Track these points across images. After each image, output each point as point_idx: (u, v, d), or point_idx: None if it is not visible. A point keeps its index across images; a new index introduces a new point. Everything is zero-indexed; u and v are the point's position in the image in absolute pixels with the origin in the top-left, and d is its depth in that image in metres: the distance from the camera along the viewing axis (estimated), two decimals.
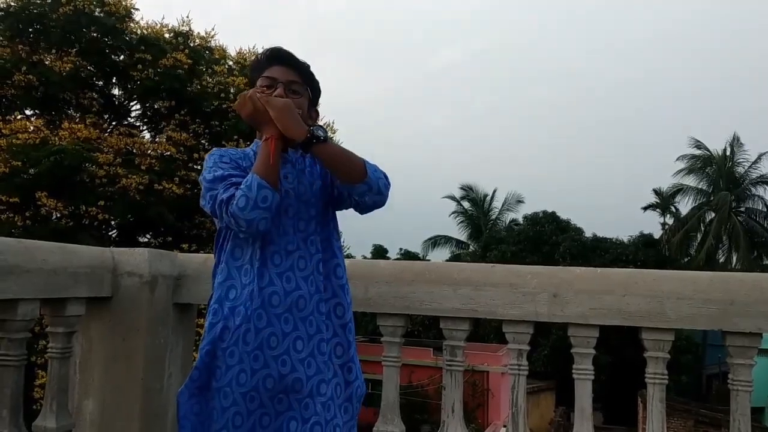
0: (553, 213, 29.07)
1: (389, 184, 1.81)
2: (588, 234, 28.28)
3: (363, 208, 1.84)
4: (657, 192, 32.35)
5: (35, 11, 12.48)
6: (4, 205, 10.49)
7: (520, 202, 33.99)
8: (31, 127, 11.21)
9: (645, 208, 32.96)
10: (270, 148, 1.68)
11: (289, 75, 1.85)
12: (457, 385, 2.39)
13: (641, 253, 25.82)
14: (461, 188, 35.24)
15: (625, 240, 28.07)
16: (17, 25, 12.41)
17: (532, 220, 29.18)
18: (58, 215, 10.70)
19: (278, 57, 1.88)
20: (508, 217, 34.36)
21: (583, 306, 2.23)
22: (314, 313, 1.76)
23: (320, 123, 1.97)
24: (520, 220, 31.55)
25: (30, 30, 12.62)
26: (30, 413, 2.13)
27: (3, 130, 11.02)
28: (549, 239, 27.50)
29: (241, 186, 1.66)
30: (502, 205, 34.60)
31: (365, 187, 1.74)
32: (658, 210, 32.67)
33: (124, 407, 2.40)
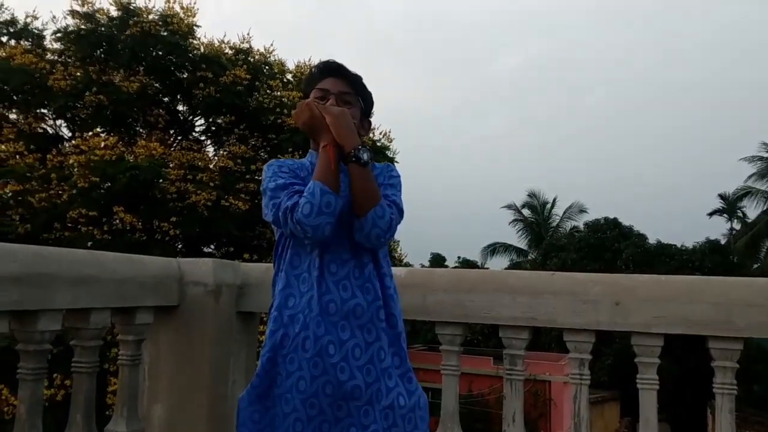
0: (615, 219, 28.28)
1: (386, 236, 1.73)
2: (652, 240, 27.45)
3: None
4: (722, 197, 31.15)
5: (105, 33, 13.04)
6: (84, 218, 10.98)
7: (582, 211, 33.29)
8: (102, 144, 11.67)
9: (710, 214, 31.78)
10: (329, 155, 1.71)
11: (340, 86, 1.89)
12: (517, 394, 2.36)
13: (708, 259, 24.84)
14: (527, 195, 34.72)
15: (691, 246, 27.09)
16: (88, 47, 12.98)
17: (594, 226, 28.45)
18: (130, 227, 11.11)
19: (330, 69, 1.93)
20: (569, 224, 33.72)
21: (646, 314, 2.18)
22: (373, 320, 1.76)
23: (374, 131, 1.98)
24: (581, 227, 30.89)
25: (99, 51, 13.18)
26: (103, 419, 2.22)
27: (82, 147, 11.54)
28: (611, 246, 26.74)
29: (304, 193, 1.68)
30: (564, 213, 33.99)
31: (357, 224, 1.72)
32: (724, 215, 31.47)
33: (191, 413, 2.47)
